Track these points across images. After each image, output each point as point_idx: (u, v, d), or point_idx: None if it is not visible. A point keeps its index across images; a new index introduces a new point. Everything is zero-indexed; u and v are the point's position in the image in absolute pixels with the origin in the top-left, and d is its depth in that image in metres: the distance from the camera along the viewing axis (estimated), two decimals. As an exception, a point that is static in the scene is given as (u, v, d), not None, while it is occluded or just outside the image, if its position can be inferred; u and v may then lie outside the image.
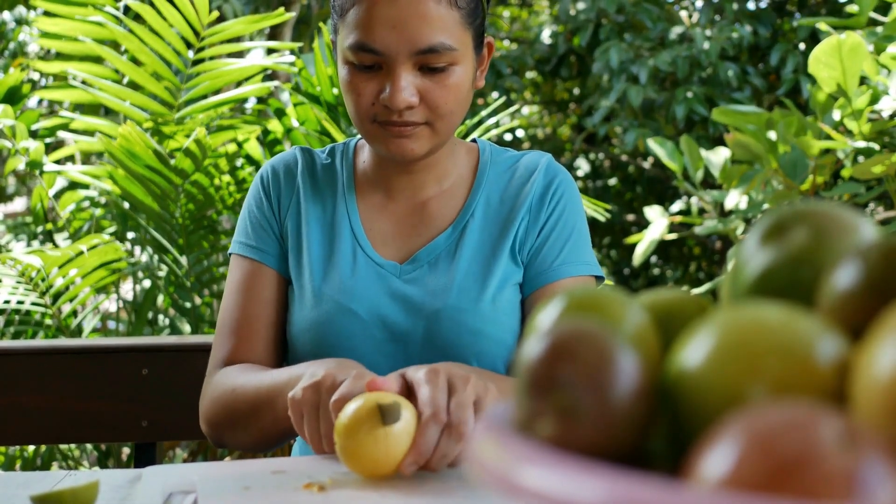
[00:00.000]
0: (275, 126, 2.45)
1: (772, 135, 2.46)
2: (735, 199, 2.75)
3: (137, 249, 2.48)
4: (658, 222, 3.26)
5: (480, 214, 1.11)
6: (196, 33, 2.31)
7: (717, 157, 3.09)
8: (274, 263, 1.11)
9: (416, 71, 0.99)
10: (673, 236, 3.38)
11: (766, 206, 2.61)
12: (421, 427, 0.75)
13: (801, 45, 4.23)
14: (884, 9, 2.67)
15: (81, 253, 2.08)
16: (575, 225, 1.12)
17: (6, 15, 4.44)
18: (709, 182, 3.43)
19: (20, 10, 4.45)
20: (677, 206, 3.79)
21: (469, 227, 1.10)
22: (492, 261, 1.08)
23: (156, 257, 2.41)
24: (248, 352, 1.08)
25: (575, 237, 1.11)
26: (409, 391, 0.81)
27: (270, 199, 1.13)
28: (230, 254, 1.14)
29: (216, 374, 1.08)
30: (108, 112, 2.87)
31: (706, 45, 4.21)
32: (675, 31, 4.43)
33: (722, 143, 4.44)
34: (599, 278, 1.13)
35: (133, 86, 2.42)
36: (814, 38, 4.33)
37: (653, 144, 3.14)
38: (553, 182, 1.12)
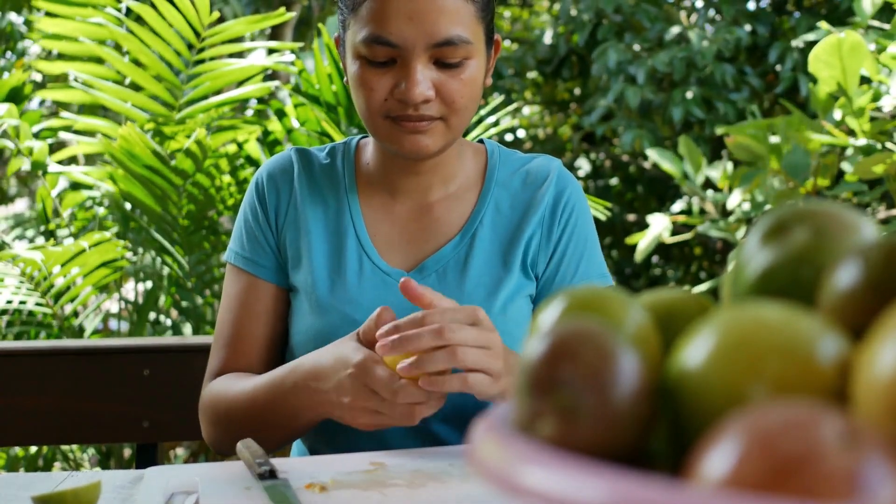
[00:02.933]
0: (275, 126, 2.45)
1: (773, 138, 2.46)
2: (737, 199, 2.76)
3: (139, 249, 2.48)
4: (659, 221, 3.27)
5: (489, 222, 1.09)
6: (197, 34, 2.31)
7: (717, 169, 3.12)
8: (269, 276, 1.10)
9: (431, 64, 0.98)
10: (675, 239, 3.39)
11: (767, 206, 2.62)
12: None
13: (800, 44, 4.23)
14: (883, 12, 2.66)
15: (84, 250, 2.08)
16: (587, 238, 1.12)
17: (12, 16, 4.44)
18: (710, 182, 3.44)
19: (24, 12, 4.45)
20: (679, 205, 3.79)
21: (478, 235, 1.08)
22: (502, 271, 1.06)
23: (157, 258, 2.41)
24: (240, 364, 1.09)
25: (588, 251, 1.11)
26: None
27: (266, 209, 1.11)
28: (226, 261, 1.13)
29: (208, 386, 1.09)
30: (110, 113, 2.88)
31: (704, 44, 4.20)
32: (673, 32, 4.43)
33: (719, 143, 4.44)
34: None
35: (134, 86, 2.42)
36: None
37: (652, 153, 3.16)
38: (564, 194, 1.11)
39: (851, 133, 2.35)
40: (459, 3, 0.96)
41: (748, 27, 4.47)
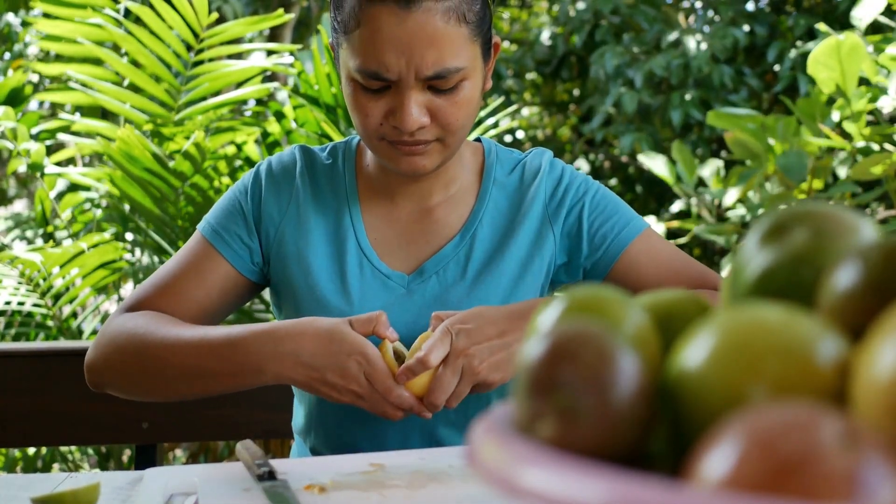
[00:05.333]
0: (274, 128, 2.45)
1: (770, 140, 2.46)
2: (733, 196, 2.77)
3: (138, 251, 2.48)
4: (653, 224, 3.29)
5: (489, 220, 1.10)
6: (195, 35, 2.31)
7: (710, 168, 3.13)
8: (232, 258, 1.08)
9: (425, 90, 0.97)
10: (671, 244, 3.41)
11: (761, 210, 2.63)
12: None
13: (798, 43, 4.24)
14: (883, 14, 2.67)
15: (83, 251, 2.08)
16: (602, 198, 1.11)
17: (9, 17, 4.44)
18: (704, 184, 3.45)
19: (21, 12, 4.45)
20: (677, 206, 3.78)
21: (478, 234, 1.09)
22: (503, 270, 1.07)
23: (156, 259, 2.41)
24: (163, 312, 1.06)
25: (611, 208, 1.10)
26: None
27: (259, 203, 1.10)
28: (198, 229, 1.11)
29: (124, 314, 1.05)
30: (108, 114, 2.87)
31: (700, 48, 4.21)
32: (671, 36, 4.43)
33: (719, 145, 4.44)
34: None
35: (133, 88, 2.42)
36: (811, 35, 4.33)
37: (644, 158, 3.18)
38: (559, 177, 1.12)
39: (846, 135, 2.35)
40: (452, 30, 0.94)
41: (746, 27, 4.47)
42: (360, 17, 0.94)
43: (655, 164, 3.12)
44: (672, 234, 3.73)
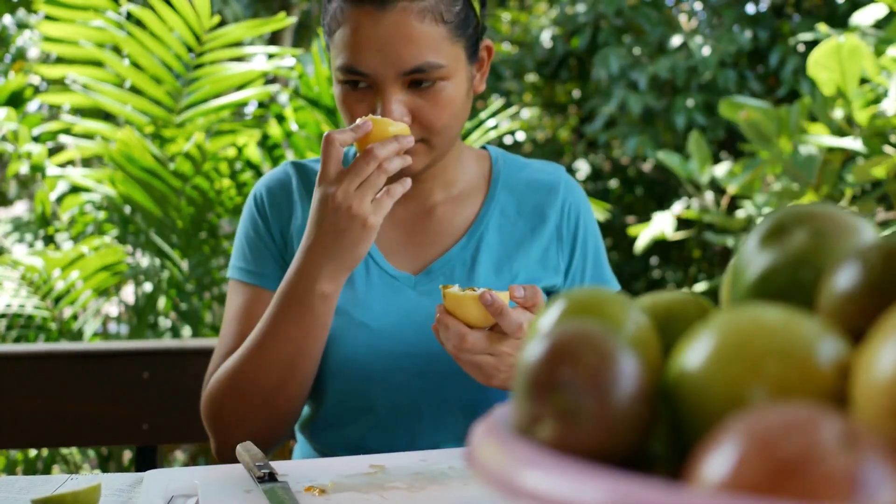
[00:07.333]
0: (275, 130, 2.45)
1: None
2: (739, 183, 2.79)
3: (139, 253, 2.48)
4: (662, 218, 3.30)
5: (495, 225, 1.11)
6: (197, 37, 2.31)
7: (722, 167, 3.15)
8: (273, 286, 1.08)
9: (406, 89, 0.99)
10: (678, 236, 3.41)
11: (767, 209, 2.64)
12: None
13: (801, 47, 4.24)
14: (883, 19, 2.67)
15: (83, 255, 2.08)
16: (596, 248, 1.14)
17: (7, 19, 4.44)
18: (715, 185, 3.47)
19: (21, 14, 4.45)
20: (678, 207, 3.78)
21: (484, 238, 1.09)
22: (509, 273, 1.07)
23: (157, 261, 2.42)
24: None
25: (596, 260, 1.14)
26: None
27: (267, 220, 1.11)
28: (229, 278, 1.12)
29: (207, 385, 1.08)
30: (109, 116, 2.88)
31: (706, 52, 4.21)
32: (675, 40, 4.44)
33: (719, 147, 4.44)
34: None
35: (134, 90, 2.42)
36: (814, 41, 4.33)
37: (662, 156, 3.21)
38: (574, 207, 1.13)
39: (845, 134, 2.36)
40: (428, 29, 0.96)
41: (748, 32, 4.48)
42: (341, 19, 0.99)
43: (672, 161, 3.17)
44: (678, 227, 3.74)
